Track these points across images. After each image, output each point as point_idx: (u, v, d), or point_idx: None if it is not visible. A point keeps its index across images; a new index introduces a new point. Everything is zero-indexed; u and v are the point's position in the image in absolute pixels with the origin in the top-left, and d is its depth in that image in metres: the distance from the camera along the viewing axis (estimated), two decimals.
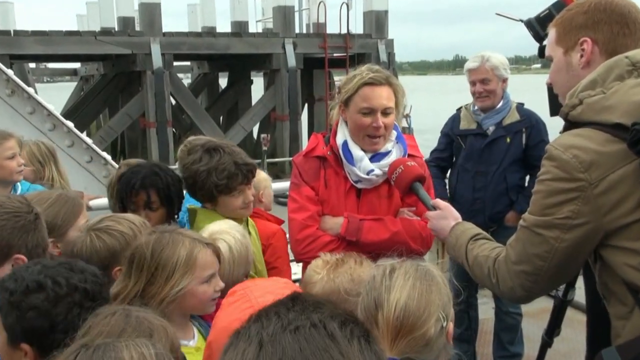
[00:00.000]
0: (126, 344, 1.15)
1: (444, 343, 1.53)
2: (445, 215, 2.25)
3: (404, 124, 19.76)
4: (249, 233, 2.69)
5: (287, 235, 2.78)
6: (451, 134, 4.26)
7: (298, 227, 2.62)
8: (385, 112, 2.58)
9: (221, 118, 25.00)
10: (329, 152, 2.67)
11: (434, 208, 2.31)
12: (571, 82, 1.86)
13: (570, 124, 1.80)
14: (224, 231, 2.23)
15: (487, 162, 4.05)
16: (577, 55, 1.87)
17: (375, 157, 2.64)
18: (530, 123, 4.04)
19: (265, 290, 1.58)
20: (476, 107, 4.10)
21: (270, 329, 0.90)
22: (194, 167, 2.52)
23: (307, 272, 2.13)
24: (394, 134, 2.71)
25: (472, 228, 2.16)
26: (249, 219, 2.79)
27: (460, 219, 2.24)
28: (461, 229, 2.16)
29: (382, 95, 2.58)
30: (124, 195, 2.58)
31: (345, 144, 2.65)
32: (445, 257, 5.33)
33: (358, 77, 2.59)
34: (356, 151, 2.63)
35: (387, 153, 2.65)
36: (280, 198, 6.83)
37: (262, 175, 3.76)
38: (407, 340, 1.47)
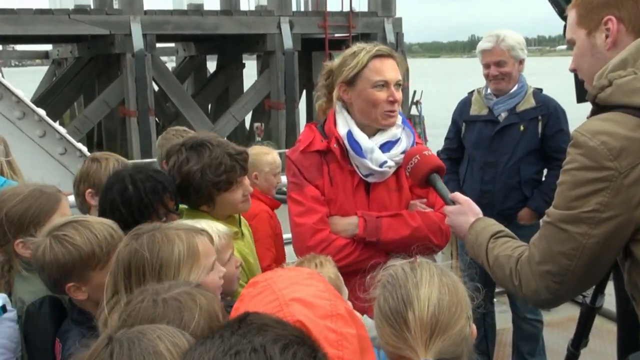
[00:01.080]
0: (158, 335, 1.23)
1: (470, 347, 1.54)
2: (465, 211, 2.26)
3: (414, 111, 19.79)
4: (242, 234, 2.72)
5: (291, 242, 2.77)
6: (459, 120, 4.26)
7: (310, 232, 2.62)
8: (397, 85, 2.64)
9: (209, 106, 24.96)
10: (335, 145, 2.67)
11: (453, 202, 2.32)
12: (597, 65, 1.87)
13: (599, 108, 1.81)
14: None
15: (498, 151, 4.04)
16: (601, 35, 1.88)
17: (385, 146, 2.66)
18: (548, 110, 4.02)
19: (290, 282, 1.61)
20: (489, 91, 4.09)
21: (212, 353, 1.01)
22: (184, 169, 2.51)
23: None
24: (399, 118, 2.73)
25: (493, 225, 2.17)
26: (242, 219, 2.80)
27: (480, 215, 2.25)
28: (481, 226, 2.17)
29: (393, 68, 2.63)
30: (146, 205, 2.44)
31: (350, 134, 2.66)
32: (458, 258, 5.34)
33: (364, 51, 2.63)
34: (364, 141, 2.64)
35: (396, 141, 2.68)
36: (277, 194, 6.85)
37: (266, 158, 3.86)
38: (442, 340, 1.47)
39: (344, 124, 2.69)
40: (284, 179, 4.69)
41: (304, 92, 23.53)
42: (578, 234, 1.76)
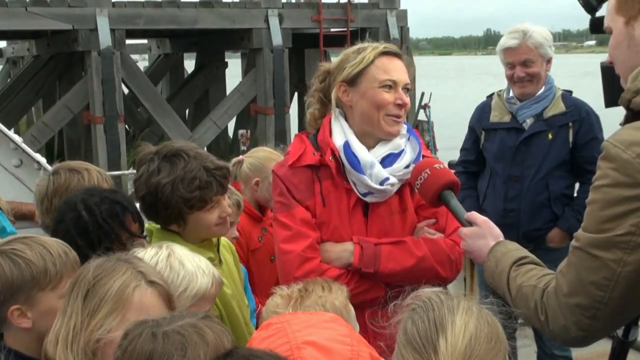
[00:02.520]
0: None
1: None
2: (483, 233, 2.25)
3: (422, 116, 19.81)
4: (219, 262, 2.68)
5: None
6: (477, 127, 4.26)
7: (297, 261, 2.62)
8: (406, 89, 2.66)
9: (187, 111, 24.91)
10: (330, 158, 2.66)
11: (469, 224, 2.31)
12: (634, 59, 1.88)
13: (633, 114, 1.81)
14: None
15: (523, 164, 4.05)
16: None
17: (386, 160, 2.66)
18: (579, 116, 4.03)
19: (307, 324, 1.62)
20: (511, 95, 4.10)
21: None
22: (153, 180, 2.49)
23: (265, 315, 2.14)
24: (404, 127, 2.74)
25: (516, 250, 2.16)
26: (225, 241, 2.78)
27: (501, 237, 2.25)
28: (502, 251, 2.16)
29: (402, 68, 2.67)
30: (106, 231, 2.45)
31: (347, 145, 2.66)
32: (475, 288, 5.32)
33: (371, 48, 2.66)
34: (363, 154, 2.63)
35: (399, 153, 2.68)
36: None
37: (272, 164, 3.84)
38: None
39: (341, 134, 2.69)
40: None
41: (296, 95, 23.52)
42: (611, 260, 1.75)
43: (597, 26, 2.09)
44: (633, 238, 1.72)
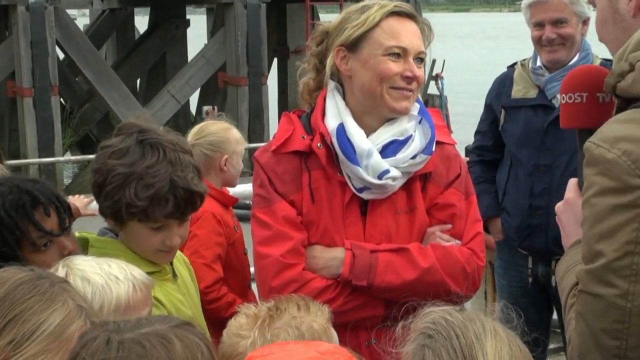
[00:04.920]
0: None
1: None
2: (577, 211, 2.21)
3: (433, 89, 19.84)
4: (173, 276, 2.70)
5: (253, 273, 2.84)
6: (496, 105, 4.26)
7: (275, 268, 2.64)
8: (418, 58, 2.67)
9: (138, 82, 24.88)
10: (318, 145, 2.68)
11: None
12: (621, 37, 1.94)
13: (625, 102, 1.85)
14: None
15: (553, 150, 4.06)
16: None
17: (389, 147, 2.67)
18: None
19: (295, 358, 1.66)
20: (538, 64, 4.10)
21: None
22: (110, 161, 2.49)
23: (226, 339, 2.17)
24: (416, 106, 2.74)
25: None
26: (179, 252, 2.80)
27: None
28: (574, 259, 2.05)
29: (415, 33, 2.66)
30: (9, 227, 2.47)
31: (341, 129, 2.67)
32: (496, 301, 5.33)
33: (377, 7, 2.66)
34: (359, 140, 2.65)
35: (405, 140, 2.69)
36: (241, 209, 7.06)
37: (232, 134, 3.98)
38: None
39: (335, 114, 2.71)
40: (243, 188, 4.72)
41: (275, 61, 23.53)
42: (615, 296, 1.73)
43: None
44: (635, 260, 1.70)
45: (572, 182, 2.26)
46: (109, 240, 2.59)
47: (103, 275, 2.19)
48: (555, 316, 4.41)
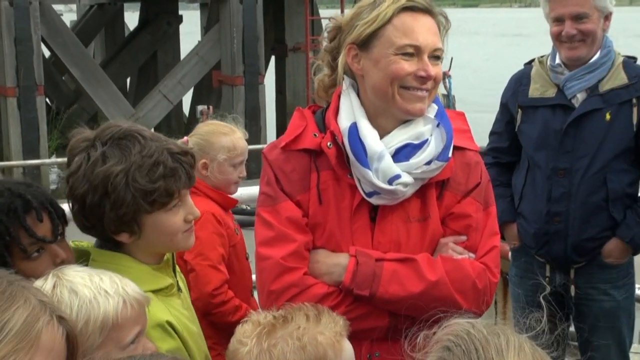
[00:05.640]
0: None
1: None
2: None
3: (440, 88, 19.76)
4: (178, 289, 2.68)
5: (255, 279, 2.89)
6: (512, 104, 4.26)
7: (275, 271, 2.64)
8: (435, 56, 2.65)
9: (129, 81, 24.85)
10: (328, 144, 2.68)
11: None
12: None
13: None
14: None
15: (573, 153, 4.05)
16: None
17: (402, 151, 2.67)
18: None
19: None
20: (557, 61, 4.10)
21: None
22: (98, 170, 2.44)
23: (231, 345, 2.19)
24: (434, 108, 2.74)
25: None
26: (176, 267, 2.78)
27: None
28: None
29: (431, 29, 2.65)
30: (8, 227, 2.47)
31: (354, 128, 2.67)
32: (508, 314, 5.34)
33: (389, 1, 2.64)
34: (372, 142, 2.64)
35: (420, 144, 2.68)
36: (244, 215, 7.07)
37: (221, 140, 3.96)
38: None
39: (349, 113, 2.71)
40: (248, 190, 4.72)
41: (273, 59, 23.48)
42: None
43: None
44: None
45: None
46: (116, 255, 2.55)
47: (92, 289, 2.17)
48: (572, 328, 4.40)
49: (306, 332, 2.12)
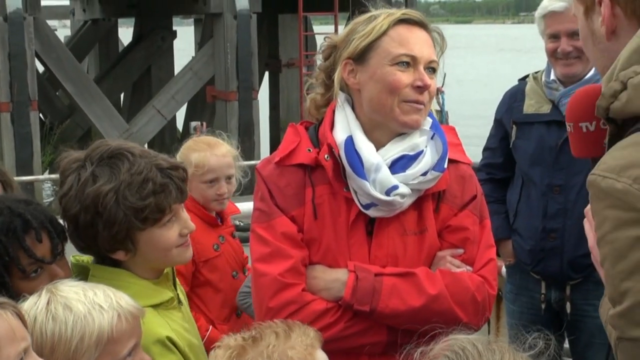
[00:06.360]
0: None
1: None
2: None
3: (433, 104, 19.81)
4: (179, 302, 2.69)
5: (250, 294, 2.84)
6: (507, 120, 4.27)
7: (272, 287, 2.64)
8: (430, 68, 2.67)
9: (122, 96, 24.86)
10: (326, 156, 2.68)
11: None
12: (600, 58, 1.99)
13: (618, 127, 1.84)
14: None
15: (568, 169, 4.05)
16: (599, 19, 1.97)
17: (398, 162, 2.67)
18: None
19: None
20: (552, 77, 4.11)
21: None
22: (88, 190, 2.45)
23: None
24: (428, 120, 2.75)
25: None
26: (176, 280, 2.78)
27: None
28: None
29: (426, 41, 2.67)
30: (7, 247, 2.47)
31: (350, 141, 2.67)
32: (502, 330, 5.33)
33: (384, 15, 2.67)
34: (368, 154, 2.65)
35: (416, 155, 2.69)
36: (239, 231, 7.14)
37: (195, 156, 3.96)
38: None
39: (344, 127, 2.71)
40: (243, 205, 4.72)
41: (267, 75, 23.54)
42: None
43: None
44: None
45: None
46: (115, 270, 2.56)
47: (86, 304, 2.17)
48: (567, 345, 4.40)
49: (276, 349, 2.11)
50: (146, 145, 20.20)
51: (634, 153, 1.74)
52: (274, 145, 19.59)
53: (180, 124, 23.72)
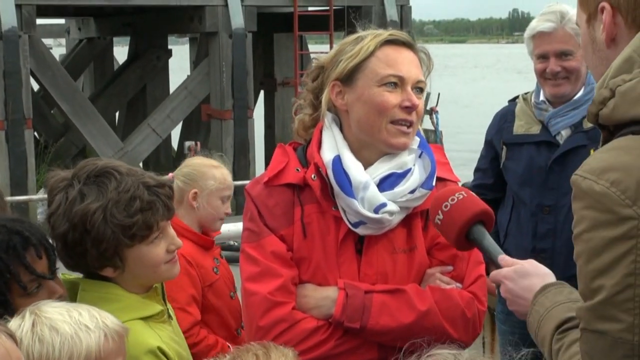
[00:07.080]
0: None
1: None
2: (527, 272, 2.30)
3: (427, 124, 19.87)
4: (169, 316, 2.71)
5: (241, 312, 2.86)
6: (497, 141, 4.28)
7: (263, 306, 2.64)
8: (418, 88, 2.68)
9: (117, 115, 24.85)
10: (312, 176, 2.69)
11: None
12: (600, 66, 2.01)
13: (610, 133, 1.90)
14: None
15: (558, 190, 4.05)
16: (600, 27, 2.00)
17: (386, 181, 2.68)
18: None
19: None
20: (542, 98, 4.12)
21: None
22: (76, 209, 2.48)
23: None
24: (416, 140, 2.76)
25: (565, 302, 2.17)
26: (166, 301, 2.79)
27: (550, 278, 2.29)
28: (546, 305, 2.16)
29: (413, 62, 2.69)
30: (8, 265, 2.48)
31: (337, 161, 2.68)
32: (496, 350, 5.33)
33: (371, 36, 2.68)
34: (356, 172, 2.66)
35: (404, 173, 2.70)
36: (231, 251, 7.13)
37: (212, 172, 4.00)
38: None
39: (332, 146, 2.72)
40: (226, 227, 4.73)
41: (262, 94, 23.56)
42: (621, 331, 1.75)
43: None
44: (637, 292, 1.73)
45: (504, 259, 2.36)
46: (105, 284, 2.58)
47: (72, 324, 2.18)
48: None
49: None
50: (141, 164, 20.28)
51: (614, 157, 1.80)
52: (269, 164, 19.57)
53: (175, 143, 23.70)
